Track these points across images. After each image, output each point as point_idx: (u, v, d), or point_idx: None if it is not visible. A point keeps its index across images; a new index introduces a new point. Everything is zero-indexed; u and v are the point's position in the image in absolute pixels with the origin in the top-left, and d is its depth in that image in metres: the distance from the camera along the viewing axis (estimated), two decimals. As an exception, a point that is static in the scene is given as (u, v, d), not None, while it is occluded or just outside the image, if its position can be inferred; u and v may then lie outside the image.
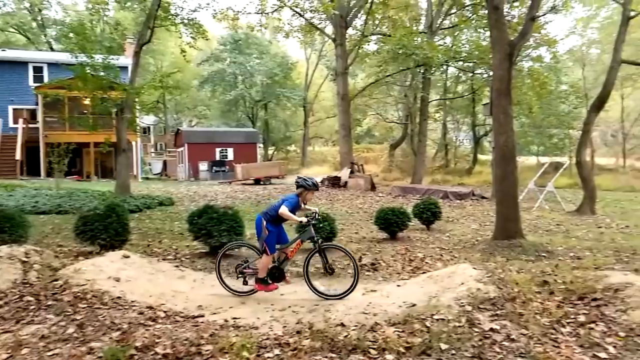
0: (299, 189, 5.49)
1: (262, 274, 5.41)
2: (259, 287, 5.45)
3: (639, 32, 25.62)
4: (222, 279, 5.78)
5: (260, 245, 5.44)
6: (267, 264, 5.39)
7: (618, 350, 3.61)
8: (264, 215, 5.41)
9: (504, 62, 8.88)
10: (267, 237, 5.32)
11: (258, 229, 5.43)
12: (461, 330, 3.92)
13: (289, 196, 5.51)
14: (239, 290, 5.65)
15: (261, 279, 5.42)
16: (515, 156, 9.18)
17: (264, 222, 5.34)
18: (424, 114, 23.04)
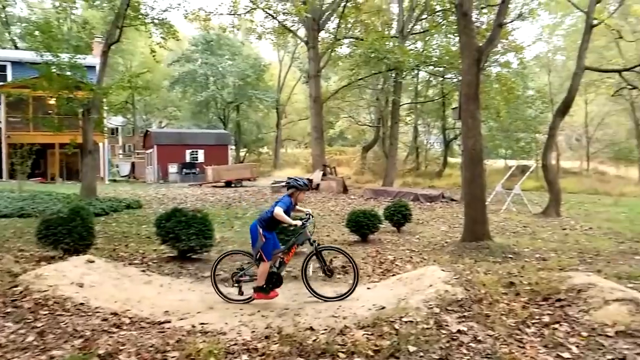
0: (290, 189, 5.45)
1: (260, 282, 5.29)
2: (258, 296, 5.32)
3: (602, 40, 26.50)
4: (218, 287, 5.64)
5: (256, 253, 5.33)
6: (265, 271, 5.27)
7: (581, 350, 3.71)
8: (259, 222, 5.33)
9: (472, 67, 9.04)
10: (263, 245, 5.23)
11: (254, 237, 5.35)
12: (429, 332, 3.95)
13: (282, 198, 5.44)
14: (236, 299, 5.51)
15: (260, 288, 5.29)
16: (482, 159, 9.35)
17: (259, 229, 5.26)
18: (395, 117, 23.26)
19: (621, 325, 3.94)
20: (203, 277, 6.51)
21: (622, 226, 11.96)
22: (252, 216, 13.09)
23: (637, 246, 9.07)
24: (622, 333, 3.86)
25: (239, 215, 13.14)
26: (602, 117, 33.43)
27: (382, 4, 26.27)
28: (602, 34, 22.14)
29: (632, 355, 3.56)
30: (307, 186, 5.57)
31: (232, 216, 13.07)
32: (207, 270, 6.78)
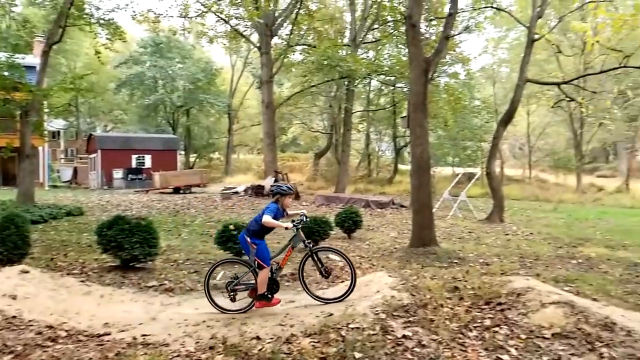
0: (275, 196, 5.37)
1: (262, 289, 5.14)
2: (260, 304, 5.20)
3: (543, 54, 27.94)
4: (212, 297, 5.41)
5: (253, 262, 5.22)
6: (265, 278, 5.13)
7: (519, 352, 3.83)
8: (246, 232, 5.25)
9: (420, 77, 9.26)
10: (256, 252, 5.13)
11: (244, 247, 5.29)
12: (375, 338, 3.97)
13: (269, 205, 5.34)
14: (232, 309, 5.32)
15: (262, 295, 5.16)
16: (430, 167, 9.58)
17: (247, 238, 5.18)
18: (347, 124, 23.53)
19: (557, 328, 4.10)
20: (147, 287, 6.29)
21: (560, 231, 12.57)
22: (201, 223, 12.85)
23: (574, 251, 9.54)
24: (558, 335, 4.02)
25: (187, 223, 12.83)
26: (543, 127, 35.13)
27: (335, 12, 26.59)
28: (543, 48, 23.36)
29: (566, 356, 3.72)
30: (292, 190, 5.49)
31: (179, 224, 12.73)
32: (151, 280, 6.57)
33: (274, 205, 5.29)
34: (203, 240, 10.07)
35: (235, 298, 5.30)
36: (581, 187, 28.53)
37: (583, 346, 3.83)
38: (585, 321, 4.15)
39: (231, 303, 5.31)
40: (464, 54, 26.14)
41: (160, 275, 6.84)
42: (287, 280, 6.76)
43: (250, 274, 5.33)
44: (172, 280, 6.58)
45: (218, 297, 5.45)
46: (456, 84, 26.67)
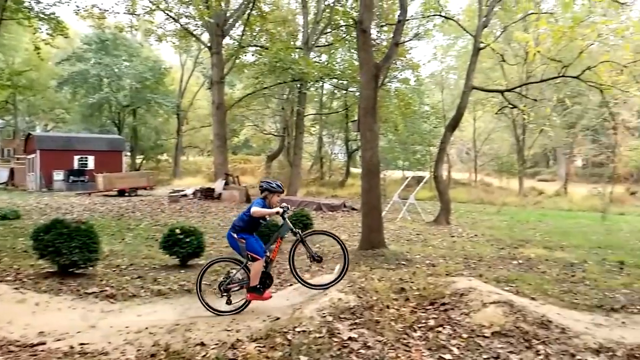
0: (264, 192, 5.35)
1: (254, 281, 5.14)
2: (251, 296, 5.15)
3: (489, 62, 29.04)
4: (204, 300, 5.28)
5: (246, 257, 5.19)
6: (259, 270, 5.13)
7: (461, 351, 3.93)
8: (232, 229, 5.25)
9: (371, 82, 9.37)
10: (247, 246, 5.12)
11: (233, 245, 5.27)
12: (321, 341, 3.98)
13: (255, 200, 5.32)
14: (226, 310, 5.20)
15: (254, 288, 5.14)
16: (379, 171, 9.71)
17: (234, 235, 5.19)
18: (300, 127, 23.54)
19: (497, 326, 4.24)
20: (86, 294, 6.02)
21: (502, 233, 13.05)
22: (147, 227, 12.43)
23: (515, 252, 9.93)
24: (497, 333, 4.16)
25: (132, 227, 12.38)
26: (488, 133, 36.48)
27: (288, 14, 26.56)
28: (489, 56, 24.26)
29: (505, 354, 3.85)
30: (281, 189, 5.45)
31: (123, 227, 12.27)
32: (91, 286, 6.29)
33: (261, 200, 5.29)
34: (148, 245, 9.75)
35: (230, 299, 5.26)
36: (523, 191, 29.82)
37: (521, 344, 3.98)
38: (523, 320, 4.32)
39: (226, 304, 5.25)
40: (414, 60, 26.80)
41: (102, 281, 6.57)
42: (235, 285, 6.63)
43: (242, 270, 5.31)
44: (114, 286, 6.32)
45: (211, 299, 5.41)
46: (406, 90, 27.29)
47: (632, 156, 29.53)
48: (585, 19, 14.03)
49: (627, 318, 5.09)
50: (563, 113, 32.01)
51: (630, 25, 13.52)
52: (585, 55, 16.12)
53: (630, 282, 6.97)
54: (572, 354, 3.85)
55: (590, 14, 13.93)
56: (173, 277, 6.92)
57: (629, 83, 14.12)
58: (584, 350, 3.90)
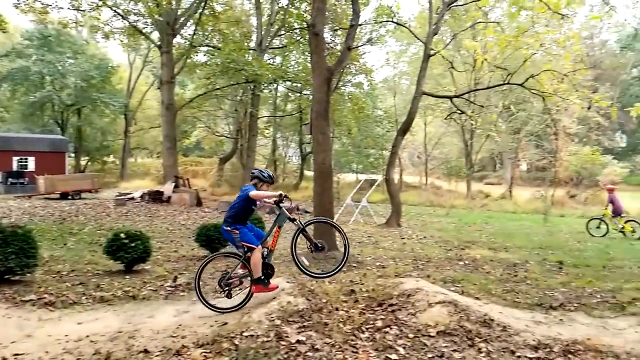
0: (254, 180, 5.32)
1: (257, 273, 5.06)
2: (257, 288, 5.08)
3: (439, 69, 29.83)
4: (204, 297, 5.14)
5: (241, 248, 5.14)
6: (258, 260, 5.06)
7: (407, 351, 3.98)
8: (225, 223, 5.20)
9: (323, 85, 9.41)
10: (240, 237, 5.07)
11: (228, 238, 5.26)
12: (269, 345, 3.94)
13: (247, 186, 5.28)
14: (228, 307, 5.11)
15: (258, 279, 5.06)
16: (332, 174, 9.75)
17: (228, 228, 5.14)
18: (253, 129, 23.31)
19: (442, 326, 4.33)
20: (23, 302, 5.69)
21: (450, 235, 13.42)
22: (91, 232, 11.92)
23: (462, 253, 10.22)
24: (442, 333, 4.25)
25: (75, 231, 11.83)
26: (438, 137, 37.47)
27: (241, 15, 26.28)
28: (440, 63, 24.92)
29: (449, 352, 3.93)
30: (272, 179, 5.44)
31: (65, 232, 11.70)
32: (28, 294, 5.96)
33: (252, 186, 5.24)
34: (92, 250, 9.35)
35: (231, 294, 5.16)
36: (471, 194, 30.79)
37: (464, 342, 4.08)
38: (467, 319, 4.43)
39: (227, 300, 5.15)
40: (367, 65, 27.15)
41: (40, 288, 6.24)
42: (182, 290, 6.47)
43: (241, 264, 5.24)
44: (54, 293, 6.02)
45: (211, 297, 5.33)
46: (360, 94, 27.62)
47: (572, 161, 31.10)
48: (529, 29, 14.68)
49: (565, 315, 5.32)
50: (509, 119, 33.34)
51: (570, 37, 14.22)
52: (530, 64, 16.86)
53: (569, 280, 7.31)
54: (512, 351, 3.98)
55: (534, 24, 14.56)
56: (117, 283, 6.67)
57: (569, 91, 14.80)
58: (523, 347, 4.04)
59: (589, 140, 35.17)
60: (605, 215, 14.19)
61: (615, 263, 9.07)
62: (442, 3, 16.24)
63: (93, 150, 37.79)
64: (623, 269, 8.42)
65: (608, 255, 10.07)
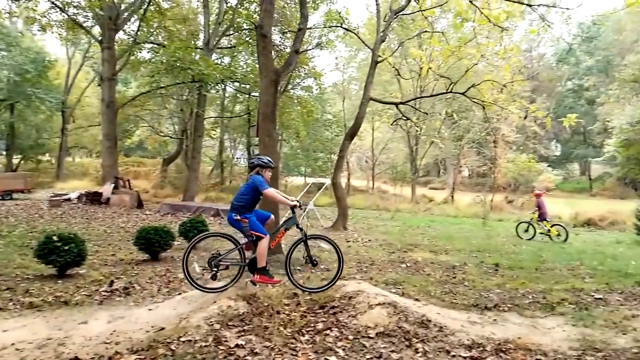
0: (256, 168, 5.36)
1: (262, 262, 5.10)
2: (261, 278, 5.09)
3: (387, 75, 30.49)
4: (190, 276, 5.14)
5: (250, 237, 5.15)
6: (265, 248, 5.11)
7: (346, 353, 4.00)
8: (232, 211, 5.19)
9: (270, 87, 9.36)
10: (250, 226, 5.08)
11: (237, 226, 5.19)
12: (207, 350, 3.86)
13: (254, 179, 5.23)
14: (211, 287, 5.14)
15: (262, 269, 5.11)
16: (278, 176, 9.71)
17: (237, 216, 5.13)
18: (199, 130, 22.76)
19: (381, 327, 4.40)
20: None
21: (394, 238, 13.66)
22: (22, 234, 11.22)
23: (404, 255, 10.43)
24: (381, 334, 4.31)
25: (4, 234, 11.08)
26: (385, 142, 38.24)
27: (189, 13, 25.68)
28: (388, 70, 25.45)
29: (387, 353, 3.99)
30: (272, 164, 5.51)
31: (-7, 234, 10.96)
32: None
33: (259, 177, 5.23)
34: (22, 254, 8.80)
35: (216, 276, 5.16)
36: (415, 198, 31.61)
37: (402, 343, 4.15)
38: (405, 320, 4.52)
39: (212, 281, 5.17)
40: (316, 69, 27.28)
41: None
42: (118, 295, 6.22)
43: (237, 252, 5.22)
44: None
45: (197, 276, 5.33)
46: (309, 97, 27.70)
47: (510, 168, 32.67)
48: (472, 40, 15.27)
49: (498, 315, 5.55)
50: (452, 127, 34.58)
51: (510, 49, 14.88)
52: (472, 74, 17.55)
53: (504, 282, 7.63)
54: (448, 350, 4.09)
55: (476, 35, 15.15)
56: (48, 288, 6.34)
57: (508, 101, 15.49)
58: (458, 347, 4.17)
59: (526, 149, 37.09)
60: (533, 219, 15.08)
61: (547, 265, 9.55)
62: (390, 11, 16.61)
63: (27, 148, 35.61)
64: (554, 271, 8.87)
65: (541, 258, 10.57)
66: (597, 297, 6.50)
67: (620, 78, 33.60)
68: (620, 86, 33.92)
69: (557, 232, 14.48)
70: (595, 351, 4.36)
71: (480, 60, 17.26)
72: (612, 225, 20.84)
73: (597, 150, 42.58)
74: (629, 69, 32.86)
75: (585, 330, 4.93)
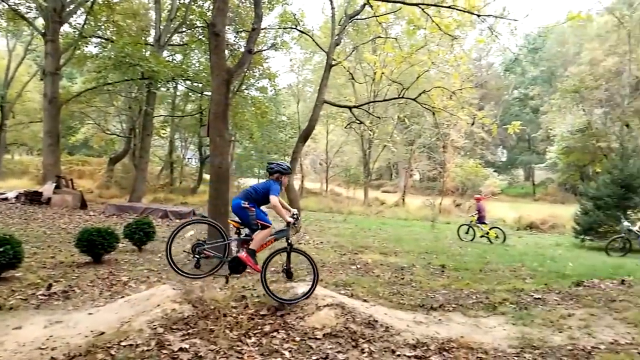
0: (275, 174, 5.34)
1: (255, 246, 5.19)
2: (247, 259, 5.12)
3: (342, 79, 30.72)
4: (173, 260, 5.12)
5: (255, 226, 5.18)
6: (266, 236, 5.22)
7: (292, 354, 3.99)
8: (243, 197, 5.17)
9: (222, 87, 9.20)
10: (257, 215, 5.11)
11: (242, 214, 5.15)
12: (149, 354, 3.75)
13: (271, 183, 5.22)
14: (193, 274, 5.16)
15: (253, 252, 5.15)
16: (229, 177, 9.54)
17: (244, 203, 5.09)
18: (147, 128, 22.03)
19: (328, 328, 4.41)
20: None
21: (346, 240, 13.78)
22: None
23: (355, 257, 10.53)
24: (328, 335, 4.32)
25: None
26: (339, 145, 38.58)
27: (139, 8, 24.89)
28: (342, 73, 25.67)
29: (333, 354, 4.00)
30: (290, 170, 5.56)
31: None
32: None
33: (277, 185, 5.25)
34: (-50, 256, 8.22)
35: (199, 263, 5.15)
36: (368, 201, 32.05)
37: (349, 343, 4.18)
38: (352, 320, 4.55)
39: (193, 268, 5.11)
40: (271, 69, 27.15)
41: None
42: (56, 299, 5.93)
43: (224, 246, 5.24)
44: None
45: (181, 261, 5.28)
46: (264, 98, 27.51)
47: (458, 172, 33.74)
48: (424, 47, 15.67)
49: (443, 315, 5.69)
50: (404, 131, 35.34)
51: (459, 57, 15.36)
52: (424, 80, 18.00)
53: (449, 283, 7.85)
54: (393, 350, 4.16)
55: (428, 43, 15.54)
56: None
57: (457, 107, 15.96)
58: (403, 346, 4.24)
59: (473, 154, 38.44)
60: (472, 222, 15.87)
61: (491, 267, 9.90)
62: (345, 15, 16.77)
63: (-40, 144, 33.44)
64: (497, 272, 9.21)
65: (485, 259, 10.96)
66: (537, 297, 6.78)
67: (562, 88, 35.36)
68: (562, 96, 35.70)
69: (496, 234, 15.30)
70: (533, 349, 4.55)
71: (431, 67, 17.77)
72: (552, 228, 21.96)
73: (540, 157, 44.74)
74: (570, 80, 34.64)
75: (524, 329, 5.13)
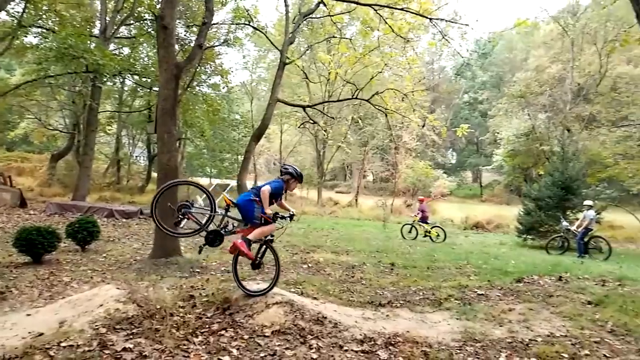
0: (286, 175, 5.34)
1: (254, 237, 5.14)
2: (241, 244, 5.03)
3: (297, 78, 30.61)
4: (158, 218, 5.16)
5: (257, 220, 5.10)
6: (268, 231, 5.20)
7: (240, 352, 3.95)
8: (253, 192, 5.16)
9: (170, 82, 9.00)
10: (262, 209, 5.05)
11: (248, 206, 5.08)
12: (90, 355, 3.62)
13: (274, 180, 5.28)
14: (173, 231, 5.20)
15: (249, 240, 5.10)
16: (178, 175, 9.33)
17: (255, 198, 5.06)
18: (92, 124, 21.11)
19: (277, 325, 4.41)
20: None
21: (298, 240, 13.77)
22: None
23: (307, 256, 10.54)
24: (277, 332, 4.32)
25: None
26: (293, 145, 38.52)
27: (84, -2, 23.83)
28: (297, 72, 25.62)
29: (281, 350, 4.00)
30: (302, 178, 5.50)
31: None
32: None
33: (280, 182, 5.26)
34: None
35: (180, 222, 5.11)
36: (321, 201, 32.21)
37: (297, 340, 4.19)
38: (301, 317, 4.56)
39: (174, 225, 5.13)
40: (224, 66, 26.67)
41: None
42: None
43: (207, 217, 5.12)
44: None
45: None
46: (216, 96, 27.02)
47: (409, 173, 34.52)
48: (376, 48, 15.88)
49: (391, 311, 5.80)
50: (358, 132, 35.76)
51: (412, 60, 15.71)
52: (377, 82, 18.22)
53: (398, 280, 8.02)
54: (341, 345, 4.20)
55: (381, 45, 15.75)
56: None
57: (409, 110, 16.31)
58: (350, 342, 4.30)
59: (424, 156, 39.45)
60: (415, 221, 16.46)
61: (438, 264, 10.19)
62: (299, 13, 16.77)
63: None
64: (444, 270, 9.49)
65: (433, 257, 11.27)
66: (480, 293, 7.04)
67: (509, 93, 36.84)
68: (508, 100, 37.19)
69: (437, 233, 15.93)
70: (474, 342, 4.72)
71: (384, 69, 18.08)
72: (497, 228, 22.90)
73: (487, 160, 46.51)
74: (517, 85, 36.13)
75: (467, 324, 5.32)
